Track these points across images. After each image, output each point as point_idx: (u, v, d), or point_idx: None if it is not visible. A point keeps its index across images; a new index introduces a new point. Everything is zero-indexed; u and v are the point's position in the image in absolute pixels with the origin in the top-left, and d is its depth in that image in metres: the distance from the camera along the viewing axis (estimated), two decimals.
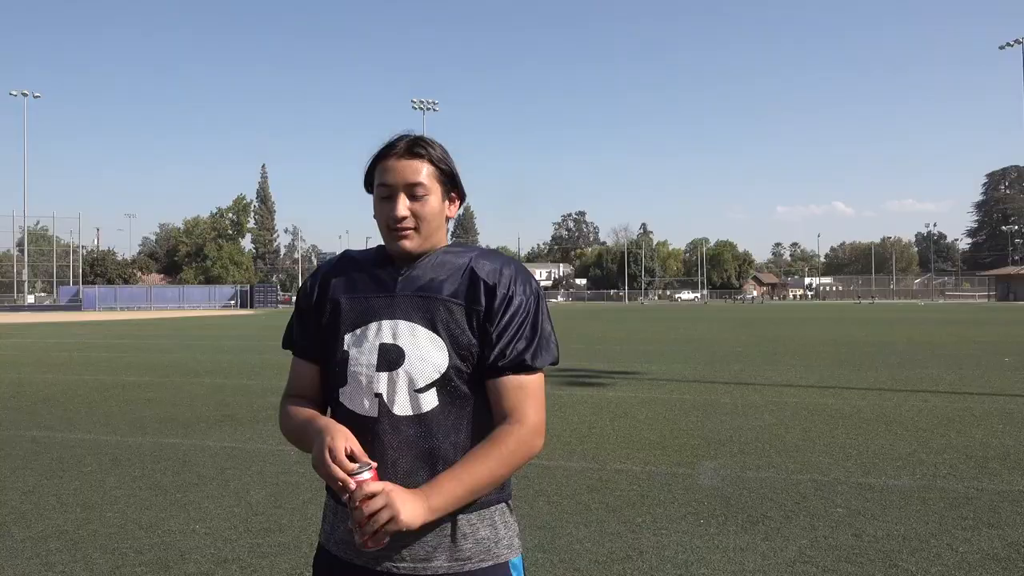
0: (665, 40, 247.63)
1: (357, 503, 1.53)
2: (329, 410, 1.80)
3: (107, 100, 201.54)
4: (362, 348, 1.72)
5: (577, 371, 14.68)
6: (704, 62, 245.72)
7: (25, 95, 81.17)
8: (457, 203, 1.86)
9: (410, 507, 1.55)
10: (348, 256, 1.89)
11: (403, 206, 1.74)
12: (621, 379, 13.34)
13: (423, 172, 1.76)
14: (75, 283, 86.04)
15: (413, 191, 1.75)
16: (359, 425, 1.69)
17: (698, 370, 14.89)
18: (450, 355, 1.68)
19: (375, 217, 1.80)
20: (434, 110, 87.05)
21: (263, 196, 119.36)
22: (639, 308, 78.66)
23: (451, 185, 1.83)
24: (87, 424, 9.13)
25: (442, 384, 1.68)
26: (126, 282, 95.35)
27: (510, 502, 1.80)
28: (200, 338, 27.28)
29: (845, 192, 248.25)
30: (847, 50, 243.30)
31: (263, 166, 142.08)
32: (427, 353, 1.68)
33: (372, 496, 1.53)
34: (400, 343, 1.69)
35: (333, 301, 1.79)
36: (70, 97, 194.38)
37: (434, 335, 1.69)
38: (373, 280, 1.78)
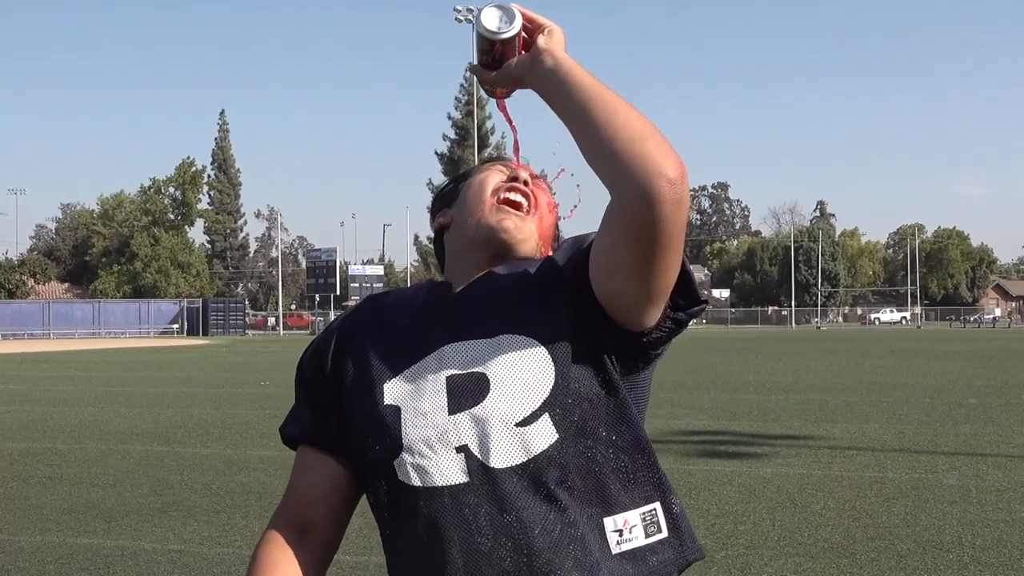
0: None
1: None
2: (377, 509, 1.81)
3: None
4: (420, 390, 1.74)
5: (716, 435, 14.68)
6: None
7: None
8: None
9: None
10: (374, 296, 1.97)
11: (526, 172, 1.91)
12: (785, 447, 13.29)
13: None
14: None
15: (536, 180, 1.96)
16: (437, 506, 1.67)
17: (907, 434, 14.75)
18: (555, 361, 1.68)
19: (447, 220, 1.96)
20: None
21: (221, 160, 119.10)
22: (813, 334, 77.99)
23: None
24: None
25: (552, 403, 1.66)
26: (11, 295, 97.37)
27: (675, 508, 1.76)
28: (127, 383, 27.75)
29: None
30: None
31: (222, 113, 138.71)
32: (522, 369, 1.69)
33: None
34: (478, 369, 1.70)
35: (360, 347, 1.84)
36: None
37: (524, 338, 1.71)
38: (419, 308, 1.85)
